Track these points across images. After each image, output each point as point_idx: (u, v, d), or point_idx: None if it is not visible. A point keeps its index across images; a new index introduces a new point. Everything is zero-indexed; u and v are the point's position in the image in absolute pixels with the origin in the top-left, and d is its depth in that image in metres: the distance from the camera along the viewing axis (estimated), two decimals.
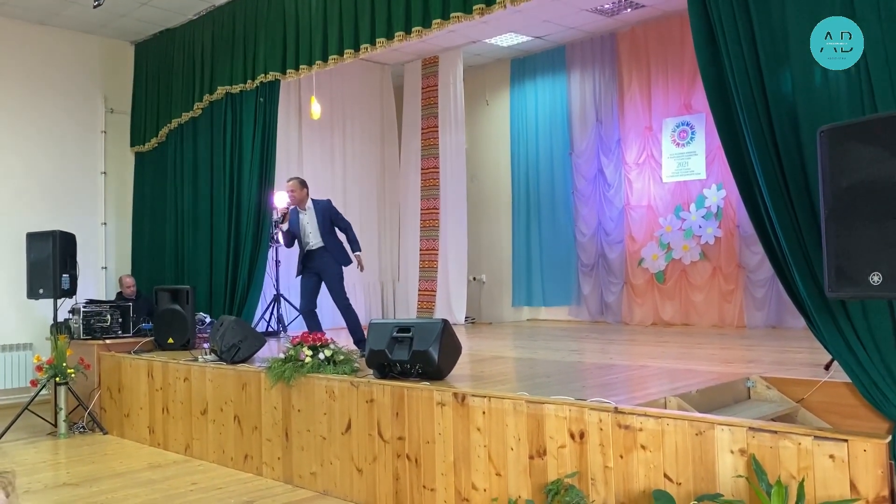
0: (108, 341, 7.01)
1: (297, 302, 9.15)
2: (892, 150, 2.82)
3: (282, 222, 6.34)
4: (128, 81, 9.12)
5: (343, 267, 6.35)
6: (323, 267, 6.28)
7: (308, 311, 6.34)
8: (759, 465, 2.96)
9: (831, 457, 2.84)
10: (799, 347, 6.01)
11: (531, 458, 3.71)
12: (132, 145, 9.12)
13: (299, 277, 6.43)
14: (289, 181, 6.44)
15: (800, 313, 4.11)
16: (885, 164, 2.83)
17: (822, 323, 3.85)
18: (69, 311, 7.12)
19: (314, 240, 6.30)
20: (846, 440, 2.83)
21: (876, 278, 2.84)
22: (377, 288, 10.64)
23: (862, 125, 3.02)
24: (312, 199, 6.43)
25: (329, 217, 6.37)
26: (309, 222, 6.32)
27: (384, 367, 4.59)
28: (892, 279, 2.81)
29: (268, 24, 7.35)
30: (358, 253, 6.38)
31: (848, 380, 3.88)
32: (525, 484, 3.73)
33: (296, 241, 6.40)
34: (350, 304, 6.30)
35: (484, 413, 3.91)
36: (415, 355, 4.42)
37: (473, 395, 3.97)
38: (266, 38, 7.35)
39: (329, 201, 6.54)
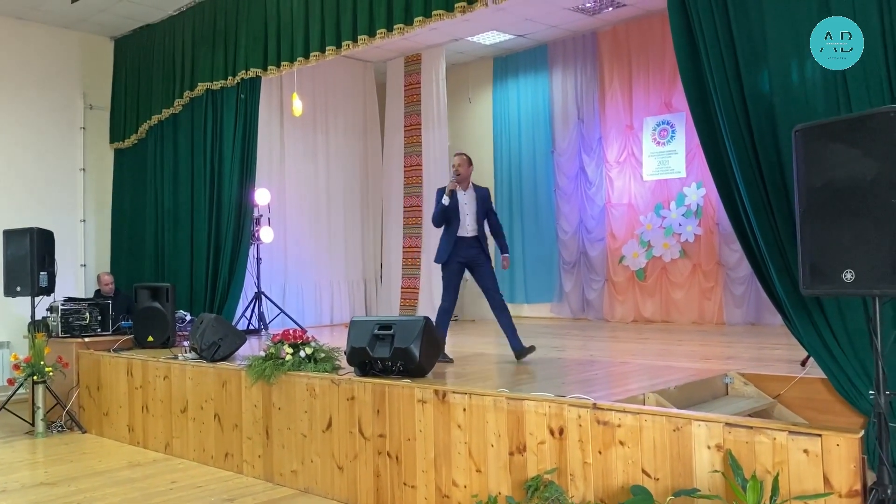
0: (86, 339, 6.94)
1: (277, 300, 9.14)
2: (865, 149, 2.86)
3: (447, 194, 5.72)
4: (107, 77, 9.03)
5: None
6: (476, 258, 5.78)
7: (452, 307, 5.78)
8: (735, 460, 3.00)
9: (805, 451, 2.88)
10: (777, 344, 6.08)
11: (511, 454, 3.73)
12: (112, 142, 9.03)
13: (441, 263, 5.81)
14: (456, 155, 5.95)
15: (777, 310, 4.17)
16: (858, 163, 2.88)
17: (799, 320, 3.91)
18: (47, 309, 7.04)
19: (471, 225, 5.80)
20: (820, 435, 2.87)
21: (849, 276, 2.88)
22: (360, 285, 10.63)
23: (836, 125, 3.06)
24: (473, 184, 5.94)
25: (486, 207, 5.92)
26: (468, 204, 5.82)
27: (365, 365, 4.59)
28: (864, 277, 2.85)
29: (249, 19, 7.30)
30: (507, 255, 6.08)
31: (824, 376, 3.95)
32: (505, 480, 3.75)
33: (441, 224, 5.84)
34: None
35: (464, 410, 3.93)
36: (396, 353, 4.42)
37: (454, 392, 3.99)
38: (247, 34, 7.31)
39: (488, 190, 6.07)
